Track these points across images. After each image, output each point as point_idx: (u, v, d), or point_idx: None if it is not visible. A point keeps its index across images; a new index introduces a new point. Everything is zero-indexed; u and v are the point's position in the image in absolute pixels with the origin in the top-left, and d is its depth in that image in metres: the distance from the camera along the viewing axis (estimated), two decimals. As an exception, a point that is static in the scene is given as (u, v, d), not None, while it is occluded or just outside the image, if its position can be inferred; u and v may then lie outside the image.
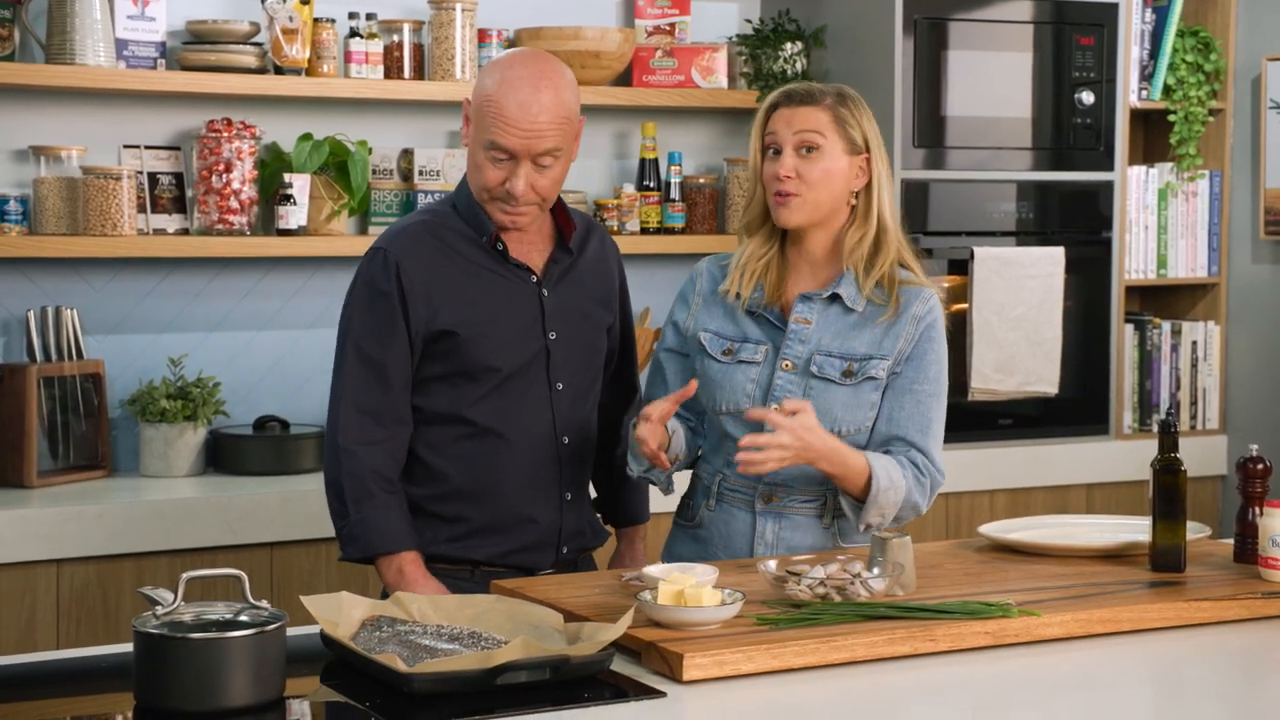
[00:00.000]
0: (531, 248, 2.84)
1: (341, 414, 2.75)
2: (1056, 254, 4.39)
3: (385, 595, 2.76)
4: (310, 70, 4.00)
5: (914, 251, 2.85)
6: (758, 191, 2.82)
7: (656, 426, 2.69)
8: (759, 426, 2.77)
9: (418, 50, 4.14)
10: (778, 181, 2.76)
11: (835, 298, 2.79)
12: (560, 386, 2.83)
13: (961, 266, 4.33)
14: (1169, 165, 4.70)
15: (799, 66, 4.42)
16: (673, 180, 4.42)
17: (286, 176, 3.96)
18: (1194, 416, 4.76)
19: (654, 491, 3.03)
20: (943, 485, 2.82)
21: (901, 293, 2.79)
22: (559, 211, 2.86)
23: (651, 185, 4.40)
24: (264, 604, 2.13)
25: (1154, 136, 4.83)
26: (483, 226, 2.79)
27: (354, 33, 4.06)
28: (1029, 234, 4.43)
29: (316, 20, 4.01)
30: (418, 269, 2.74)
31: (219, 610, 2.12)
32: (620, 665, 2.24)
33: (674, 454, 2.80)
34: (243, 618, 2.10)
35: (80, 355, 3.87)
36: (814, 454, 2.65)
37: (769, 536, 2.80)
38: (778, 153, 2.77)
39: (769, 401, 2.77)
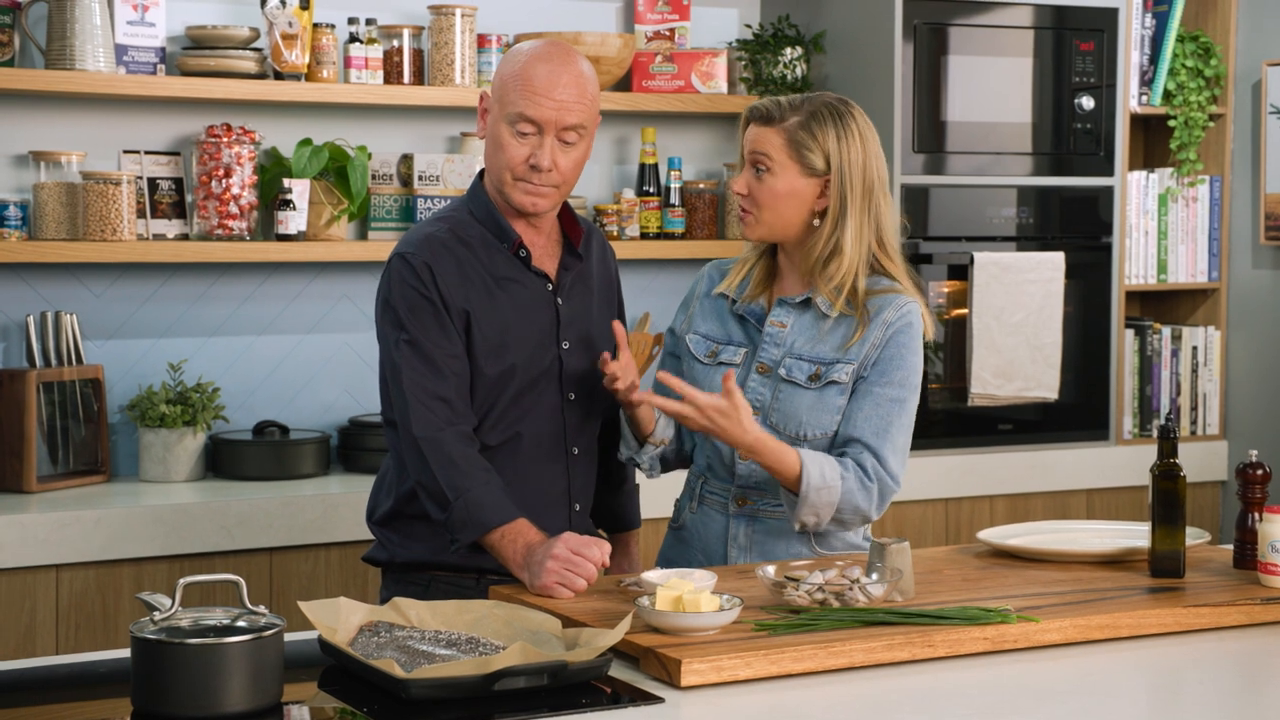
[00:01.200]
0: (544, 253, 2.82)
1: (412, 408, 2.67)
2: (1056, 259, 4.39)
3: (384, 601, 2.76)
4: (310, 75, 4.01)
5: (904, 265, 2.80)
6: None
7: (626, 366, 2.72)
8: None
9: (417, 55, 4.14)
10: (735, 196, 2.80)
11: (809, 302, 2.79)
12: (572, 397, 2.82)
13: (961, 272, 4.33)
14: (1169, 170, 4.70)
15: (799, 72, 4.42)
16: (672, 185, 4.42)
17: (286, 182, 3.96)
18: (1194, 422, 4.75)
19: (645, 498, 3.04)
20: (896, 494, 2.75)
21: (875, 301, 2.76)
22: (565, 215, 2.85)
23: (651, 190, 4.40)
24: (261, 609, 2.13)
25: (1154, 141, 4.83)
26: (504, 233, 2.77)
27: (354, 38, 4.06)
28: (1029, 239, 4.43)
29: (316, 25, 4.01)
30: (446, 274, 2.72)
31: (216, 616, 2.12)
32: (618, 671, 2.24)
33: (660, 436, 2.81)
34: (240, 623, 2.10)
35: (80, 360, 3.87)
36: (727, 438, 2.63)
37: (742, 539, 2.80)
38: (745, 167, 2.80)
39: None
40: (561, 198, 2.78)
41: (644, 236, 4.39)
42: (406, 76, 4.12)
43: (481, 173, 2.82)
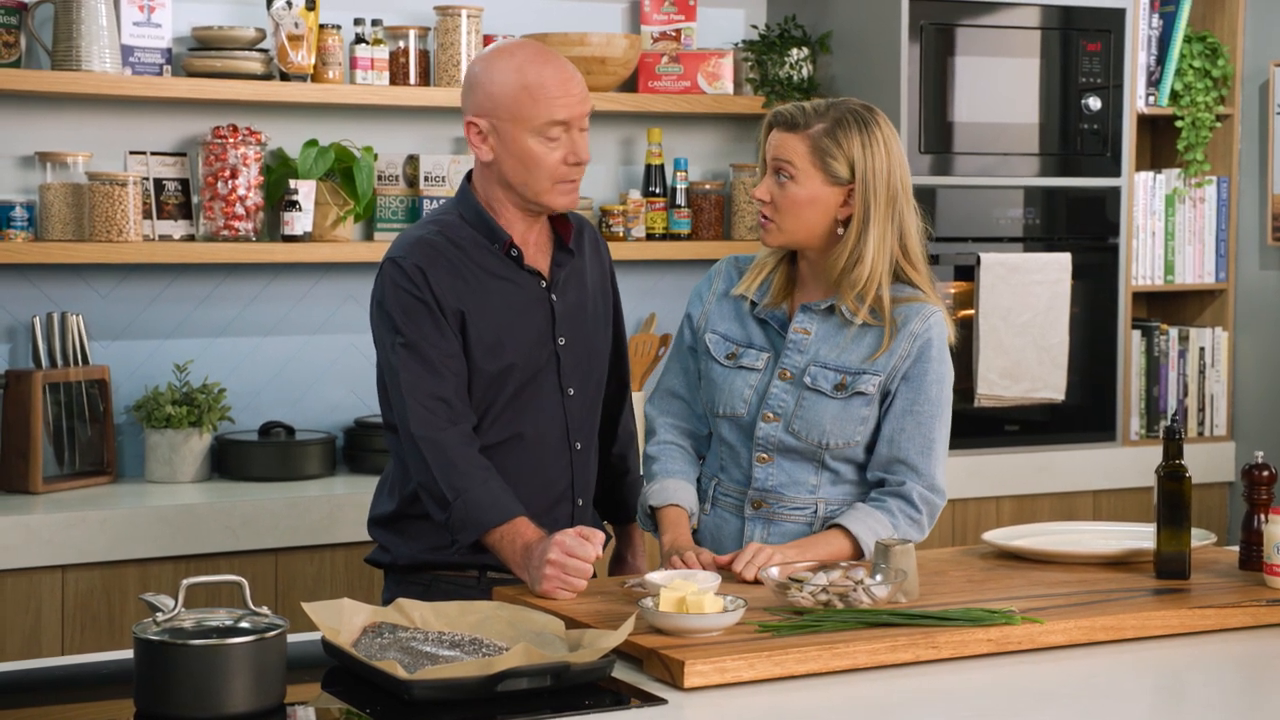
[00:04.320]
0: (537, 251, 2.83)
1: (411, 409, 2.68)
2: (1063, 260, 4.38)
3: (388, 602, 2.76)
4: (316, 76, 4.01)
5: (928, 271, 2.79)
6: None
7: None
8: (751, 431, 2.78)
9: (423, 56, 4.14)
10: (756, 202, 2.78)
11: (833, 309, 2.78)
12: (571, 392, 2.82)
13: (968, 272, 4.33)
14: (1176, 171, 4.70)
15: (805, 72, 4.41)
16: (679, 186, 4.41)
17: (292, 182, 3.96)
18: (1201, 423, 4.74)
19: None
20: (943, 505, 2.80)
21: (901, 309, 2.75)
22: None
23: (657, 191, 4.40)
24: (265, 610, 2.13)
25: (1161, 142, 4.82)
26: (495, 234, 2.78)
27: (359, 39, 4.06)
28: (1036, 240, 4.42)
29: (322, 26, 4.01)
30: (438, 276, 2.72)
31: (220, 617, 2.12)
32: (621, 672, 2.24)
33: (693, 520, 2.85)
34: (243, 624, 2.10)
35: (86, 361, 3.87)
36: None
37: (758, 542, 2.80)
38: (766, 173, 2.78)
39: (763, 409, 2.77)
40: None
41: (650, 237, 4.39)
42: (412, 77, 4.12)
43: (469, 175, 2.82)
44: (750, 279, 2.84)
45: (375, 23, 4.09)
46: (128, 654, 2.20)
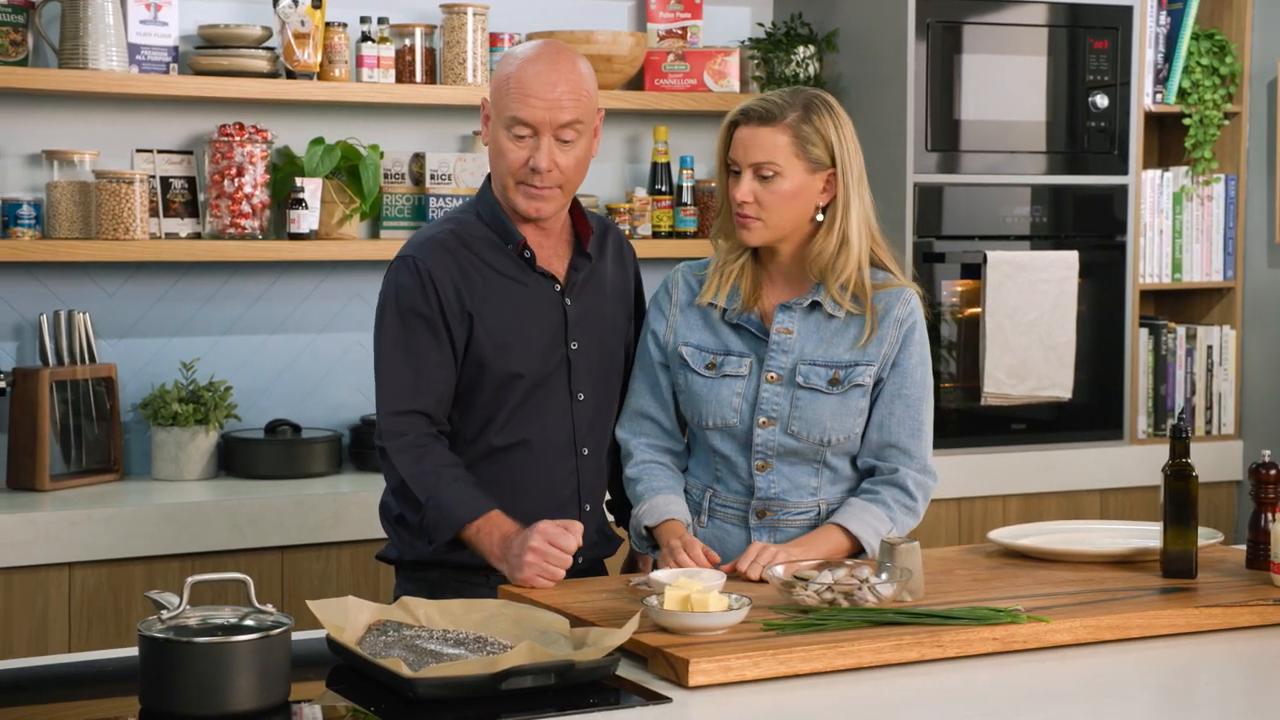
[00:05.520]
0: (553, 254, 2.82)
1: (383, 418, 2.72)
2: (1070, 258, 4.37)
3: (395, 599, 2.76)
4: (322, 74, 4.01)
5: (893, 254, 2.80)
6: (726, 202, 2.78)
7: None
8: (747, 440, 2.76)
9: (429, 54, 4.14)
10: (737, 205, 2.73)
11: (815, 305, 2.76)
12: (581, 397, 2.82)
13: (975, 270, 4.32)
14: (1184, 169, 4.69)
15: (811, 70, 4.41)
16: (685, 184, 4.41)
17: (298, 180, 3.97)
18: (1209, 422, 4.74)
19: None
20: (936, 486, 2.81)
21: (880, 296, 2.76)
22: (576, 214, 2.85)
23: (663, 189, 4.40)
24: (269, 608, 2.13)
25: (1169, 140, 4.82)
26: (509, 234, 2.77)
27: (366, 37, 4.06)
28: (1043, 238, 4.42)
29: (328, 24, 4.01)
30: (447, 278, 2.72)
31: (224, 614, 2.12)
32: (626, 670, 2.24)
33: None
34: (248, 622, 2.10)
35: (92, 359, 3.88)
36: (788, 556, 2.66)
37: None
38: (738, 174, 2.73)
39: (756, 415, 2.75)
40: (566, 198, 2.78)
41: (656, 235, 4.39)
42: (418, 75, 4.12)
43: (490, 175, 2.82)
44: (713, 285, 2.79)
45: (381, 21, 4.09)
46: (133, 651, 2.20)
